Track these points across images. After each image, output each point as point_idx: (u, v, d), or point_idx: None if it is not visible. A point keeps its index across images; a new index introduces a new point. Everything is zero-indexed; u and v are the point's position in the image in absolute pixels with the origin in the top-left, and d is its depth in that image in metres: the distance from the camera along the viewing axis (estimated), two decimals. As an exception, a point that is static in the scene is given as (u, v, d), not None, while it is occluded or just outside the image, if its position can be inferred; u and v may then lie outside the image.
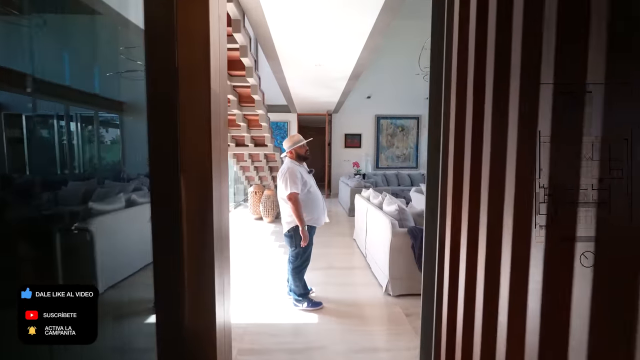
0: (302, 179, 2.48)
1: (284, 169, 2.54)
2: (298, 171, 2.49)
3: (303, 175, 2.51)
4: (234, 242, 4.70)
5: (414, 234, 2.80)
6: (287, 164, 2.58)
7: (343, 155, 10.13)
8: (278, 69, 4.85)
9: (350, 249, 4.37)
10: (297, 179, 2.44)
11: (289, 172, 2.45)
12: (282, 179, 2.49)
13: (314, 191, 2.58)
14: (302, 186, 2.49)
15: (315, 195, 2.56)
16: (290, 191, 2.42)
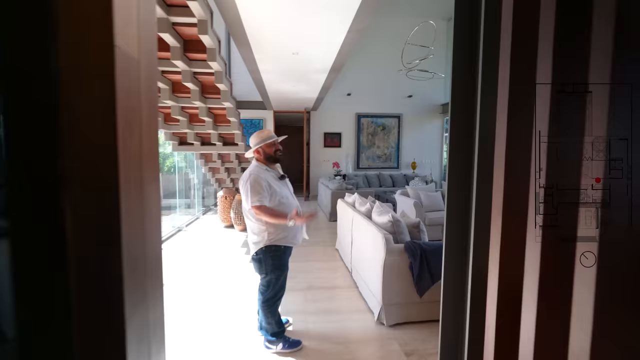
0: (268, 188, 1.95)
1: (246, 175, 1.99)
2: (263, 178, 1.95)
3: (271, 183, 1.97)
4: (197, 257, 4.06)
5: (412, 250, 2.32)
6: (251, 168, 2.03)
7: (322, 155, 9.64)
8: (250, 58, 4.25)
9: (332, 262, 3.86)
10: (262, 189, 1.91)
11: (251, 180, 1.91)
12: (244, 188, 1.94)
13: (289, 202, 2.04)
14: (271, 197, 1.95)
15: (290, 207, 2.02)
16: (250, 205, 1.89)
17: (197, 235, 5.30)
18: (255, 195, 1.88)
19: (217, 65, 2.94)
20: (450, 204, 1.05)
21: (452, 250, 1.12)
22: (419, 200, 4.99)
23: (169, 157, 6.77)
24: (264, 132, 2.08)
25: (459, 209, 1.04)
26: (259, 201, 1.88)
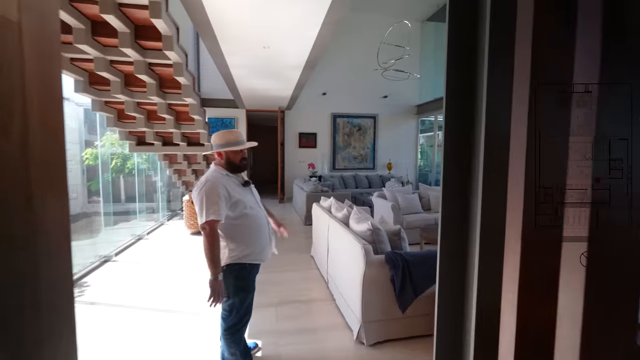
0: (228, 198, 1.65)
1: (201, 181, 1.68)
2: (222, 185, 1.64)
3: (231, 192, 1.67)
4: (157, 270, 3.62)
5: (393, 262, 2.12)
6: (209, 173, 1.72)
7: (297, 156, 9.37)
8: (216, 50, 3.90)
9: (307, 271, 3.61)
10: (219, 199, 1.61)
11: (206, 188, 1.61)
12: (197, 198, 1.63)
13: (254, 213, 1.76)
14: (230, 208, 1.66)
15: (255, 219, 1.75)
16: (204, 218, 1.58)
17: (160, 244, 4.85)
18: (211, 207, 1.58)
19: (175, 55, 2.60)
20: (447, 216, 0.83)
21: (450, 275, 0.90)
22: (397, 203, 4.86)
23: (129, 158, 6.23)
24: (232, 133, 1.76)
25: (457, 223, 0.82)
26: (214, 214, 1.57)
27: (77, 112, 5.82)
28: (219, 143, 1.74)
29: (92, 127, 5.45)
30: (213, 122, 8.63)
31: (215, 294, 1.60)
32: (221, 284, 1.62)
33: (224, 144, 1.73)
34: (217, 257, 1.60)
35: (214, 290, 1.60)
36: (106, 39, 2.45)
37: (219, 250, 1.61)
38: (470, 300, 0.81)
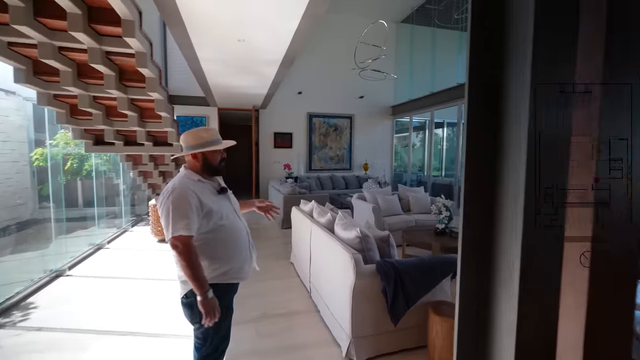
0: (200, 209, 1.40)
1: (167, 189, 1.41)
2: (192, 193, 1.38)
3: (204, 200, 1.42)
4: (118, 285, 3.18)
5: (385, 272, 1.97)
6: (178, 179, 1.46)
7: (272, 156, 9.08)
8: (185, 42, 3.58)
9: (287, 279, 3.39)
10: (191, 210, 1.35)
11: (174, 197, 1.35)
12: (163, 208, 1.37)
13: (232, 224, 1.52)
14: (205, 219, 1.42)
15: (232, 230, 1.52)
16: (172, 233, 1.32)
17: (123, 253, 4.42)
18: (180, 220, 1.32)
19: (137, 43, 2.29)
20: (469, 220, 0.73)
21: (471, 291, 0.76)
22: (377, 205, 4.76)
23: (87, 159, 5.67)
24: (208, 132, 1.51)
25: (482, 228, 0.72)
26: (185, 228, 1.32)
27: (25, 107, 5.20)
28: (194, 143, 1.49)
29: (41, 124, 4.87)
30: (182, 120, 8.14)
31: (210, 313, 1.37)
32: (214, 301, 1.39)
33: (201, 144, 1.48)
34: (200, 273, 1.36)
35: (207, 310, 1.36)
36: (53, 20, 2.10)
37: (200, 266, 1.37)
38: (503, 327, 0.67)
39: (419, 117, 9.55)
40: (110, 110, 3.24)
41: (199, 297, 1.36)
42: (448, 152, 10.61)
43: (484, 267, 0.74)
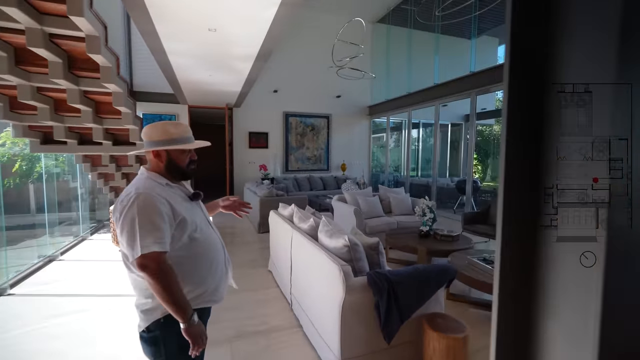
0: (173, 217, 1.13)
1: (128, 193, 1.13)
2: (161, 199, 1.12)
3: (176, 208, 1.15)
4: (71, 306, 2.68)
5: (377, 285, 1.78)
6: (139, 182, 1.18)
7: (247, 157, 8.73)
8: (149, 31, 3.22)
9: (266, 290, 3.13)
10: (161, 219, 1.08)
11: (140, 204, 1.07)
12: (124, 219, 1.08)
13: (206, 237, 1.26)
14: (178, 231, 1.14)
15: (207, 244, 1.26)
16: (141, 251, 1.03)
17: (79, 266, 3.94)
18: (150, 233, 1.04)
19: (86, 24, 1.95)
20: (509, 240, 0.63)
21: None
22: (358, 207, 4.61)
23: (39, 160, 5.07)
24: (178, 127, 1.22)
25: None
26: (157, 243, 1.04)
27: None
28: (158, 139, 1.20)
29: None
30: (149, 118, 7.60)
31: (197, 341, 1.12)
32: (201, 326, 1.14)
33: (167, 141, 1.20)
34: (182, 295, 1.10)
35: (194, 337, 1.12)
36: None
37: (179, 287, 1.09)
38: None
39: (395, 118, 9.57)
40: (60, 104, 2.83)
41: (183, 324, 1.10)
42: (423, 153, 10.75)
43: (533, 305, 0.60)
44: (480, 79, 6.02)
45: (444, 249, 3.34)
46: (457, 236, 3.65)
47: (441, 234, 3.66)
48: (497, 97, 13.16)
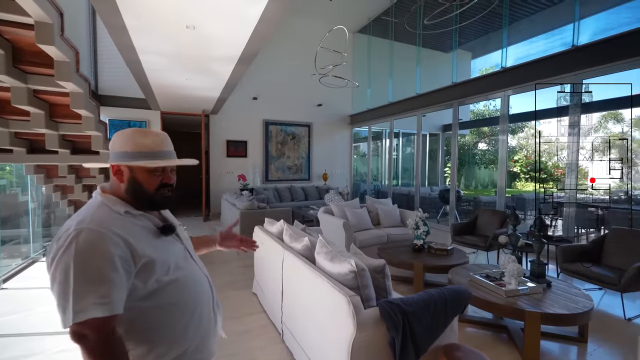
0: (132, 262, 0.79)
1: (68, 231, 0.75)
2: (116, 240, 0.77)
3: (138, 249, 0.81)
4: (15, 346, 2.28)
5: (392, 318, 1.53)
6: (90, 212, 0.83)
7: (225, 166, 8.30)
8: (116, 24, 2.85)
9: (251, 317, 2.78)
10: (111, 269, 0.74)
11: (79, 248, 0.73)
12: (53, 267, 0.73)
13: (186, 276, 0.93)
14: (141, 278, 0.81)
15: (189, 286, 0.93)
16: (74, 317, 0.70)
17: (26, 296, 3.38)
18: (91, 290, 0.71)
19: (36, 8, 1.60)
20: None
21: None
22: (346, 219, 4.37)
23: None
24: (149, 135, 0.90)
25: None
26: (100, 305, 0.71)
27: None
28: (120, 149, 0.89)
29: None
30: (116, 124, 7.02)
31: None
32: None
33: (130, 154, 0.88)
34: None
35: None
36: None
37: None
38: None
39: (376, 127, 9.54)
40: (3, 105, 2.39)
41: None
42: (403, 162, 10.79)
43: None
44: (461, 90, 6.07)
45: (440, 265, 3.16)
46: (451, 250, 3.50)
47: (436, 247, 3.49)
48: (471, 109, 13.62)
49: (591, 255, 3.32)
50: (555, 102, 4.92)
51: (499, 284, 2.43)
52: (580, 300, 2.26)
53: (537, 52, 5.11)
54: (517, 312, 2.13)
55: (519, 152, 14.20)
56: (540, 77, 4.63)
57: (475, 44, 9.38)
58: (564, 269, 3.24)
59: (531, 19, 6.52)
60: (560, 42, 4.65)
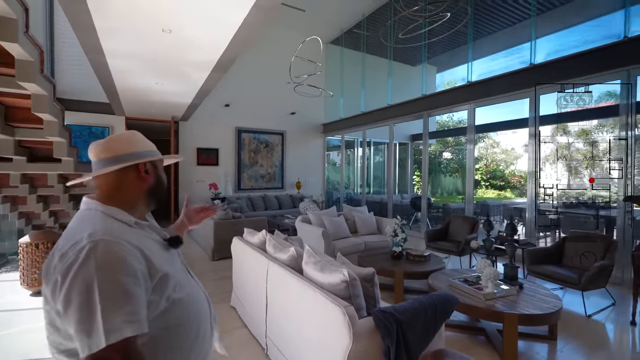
0: (149, 277, 0.73)
1: (79, 242, 0.67)
2: (132, 254, 0.70)
3: (154, 262, 0.75)
4: None
5: (387, 327, 1.52)
6: (91, 222, 0.75)
7: (195, 174, 7.99)
8: (84, 24, 2.67)
9: (231, 332, 2.66)
10: (135, 284, 0.67)
11: (98, 265, 0.64)
12: (68, 286, 0.63)
13: (189, 294, 0.87)
14: (156, 294, 0.74)
15: (192, 304, 0.87)
16: (105, 340, 0.61)
17: (-32, 319, 2.98)
18: (115, 311, 0.63)
19: (1, 3, 1.45)
20: None
21: None
22: (324, 227, 4.36)
23: None
24: (142, 136, 0.92)
25: None
26: (130, 324, 0.64)
27: None
28: (135, 150, 0.86)
29: None
30: (76, 130, 6.53)
31: None
32: None
33: (149, 152, 0.89)
34: None
35: None
36: None
37: None
38: None
39: (349, 137, 9.71)
40: (-51, 106, 2.13)
41: None
42: (374, 170, 11.04)
43: None
44: (430, 102, 6.37)
45: (420, 271, 3.24)
46: (428, 256, 3.60)
47: (414, 254, 3.58)
48: (437, 120, 14.34)
49: (553, 257, 3.58)
50: (515, 114, 5.30)
51: (477, 288, 2.53)
52: (551, 300, 2.41)
53: (499, 69, 5.52)
54: (496, 315, 2.23)
55: (480, 161, 15.09)
56: (503, 92, 4.99)
57: (440, 59, 9.95)
58: (531, 270, 3.46)
59: (494, 36, 7.04)
60: (519, 60, 5.07)
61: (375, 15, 7.93)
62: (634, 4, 3.87)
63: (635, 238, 3.72)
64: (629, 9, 3.84)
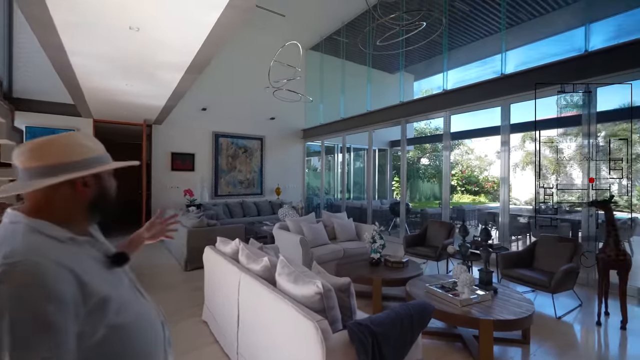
0: (82, 302, 0.61)
1: None
2: (59, 277, 0.59)
3: (89, 284, 0.64)
4: None
5: (362, 341, 1.46)
6: (11, 240, 0.63)
7: (169, 180, 7.69)
8: (40, 18, 2.48)
9: (201, 349, 2.50)
10: (59, 316, 0.56)
11: (12, 293, 0.54)
12: None
13: (137, 315, 0.76)
14: (91, 320, 0.63)
15: (138, 328, 0.76)
16: None
17: None
18: (32, 350, 0.52)
19: None
20: None
21: None
22: (303, 234, 4.27)
23: None
24: (88, 139, 0.78)
25: None
26: None
27: None
28: (73, 159, 0.72)
29: None
30: (38, 132, 6.11)
31: None
32: None
33: (93, 159, 0.76)
34: None
35: None
36: None
37: None
38: None
39: (329, 142, 9.71)
40: None
41: None
42: (354, 176, 11.09)
43: None
44: (408, 109, 6.47)
45: (398, 278, 3.21)
46: (406, 262, 3.59)
47: (392, 260, 3.56)
48: (415, 127, 14.66)
49: (525, 260, 3.67)
50: (488, 122, 5.47)
51: (453, 294, 2.53)
52: (524, 304, 2.44)
53: (473, 78, 5.69)
54: (472, 321, 2.22)
55: (455, 167, 15.53)
56: (477, 100, 5.14)
57: (417, 68, 10.21)
58: (504, 274, 3.52)
59: (469, 47, 7.29)
60: (491, 69, 5.25)
61: (354, 23, 8.02)
62: (592, 22, 4.11)
63: (598, 240, 3.89)
64: (588, 24, 4.08)
